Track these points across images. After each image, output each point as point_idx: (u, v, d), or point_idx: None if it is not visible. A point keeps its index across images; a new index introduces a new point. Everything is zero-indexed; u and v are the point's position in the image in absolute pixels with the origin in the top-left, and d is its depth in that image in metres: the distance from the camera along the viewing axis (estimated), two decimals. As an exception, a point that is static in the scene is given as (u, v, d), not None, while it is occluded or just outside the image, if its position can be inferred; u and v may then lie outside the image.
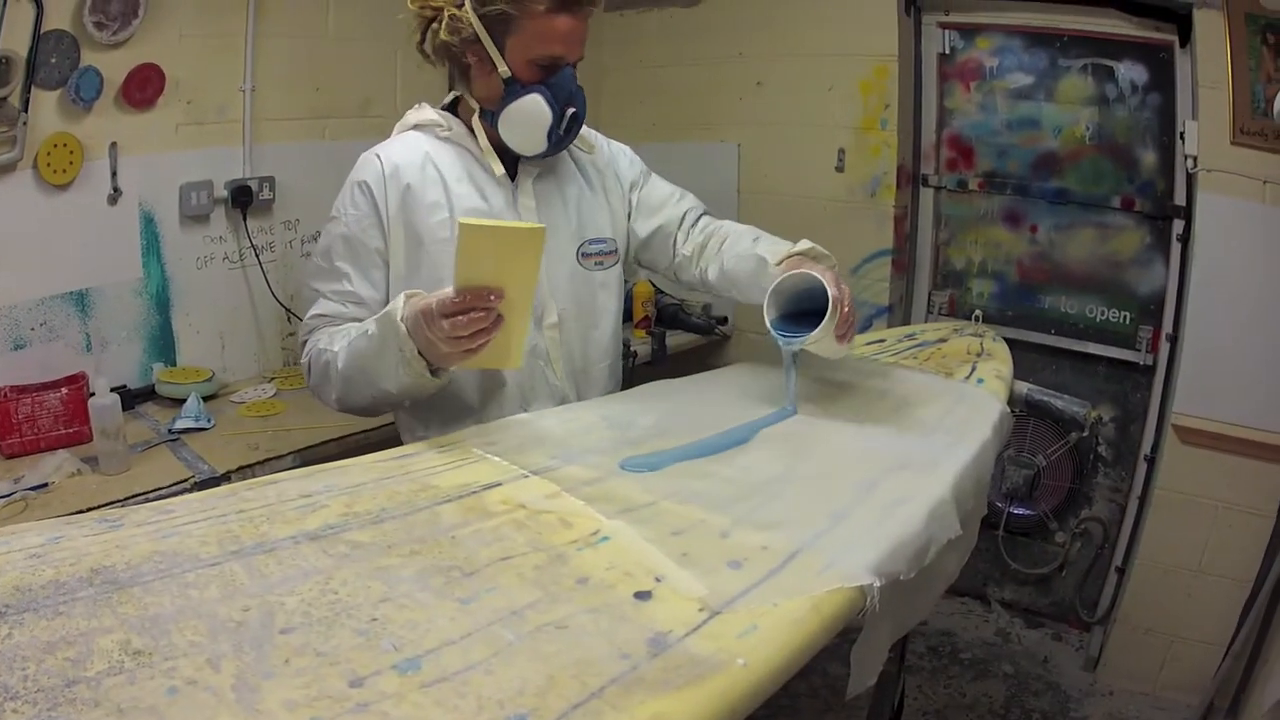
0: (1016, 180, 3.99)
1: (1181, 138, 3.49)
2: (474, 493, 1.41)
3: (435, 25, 2.02)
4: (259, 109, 3.33)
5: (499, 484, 1.45)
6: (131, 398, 3.03)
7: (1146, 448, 3.82)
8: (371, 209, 2.07)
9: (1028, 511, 4.10)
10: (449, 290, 1.62)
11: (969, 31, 3.95)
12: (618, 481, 1.50)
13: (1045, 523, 4.11)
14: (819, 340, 1.88)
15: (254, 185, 3.33)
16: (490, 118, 2.07)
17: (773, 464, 1.65)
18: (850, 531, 1.34)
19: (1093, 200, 3.83)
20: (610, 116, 4.55)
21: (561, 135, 2.06)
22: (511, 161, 2.14)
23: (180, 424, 2.86)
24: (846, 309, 1.92)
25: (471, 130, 2.15)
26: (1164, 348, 3.72)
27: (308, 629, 1.00)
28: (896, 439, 1.80)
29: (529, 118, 2.01)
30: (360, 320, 1.98)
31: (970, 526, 1.73)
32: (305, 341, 2.07)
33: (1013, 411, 2.21)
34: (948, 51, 4.00)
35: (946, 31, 3.98)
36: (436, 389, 1.85)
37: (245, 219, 3.34)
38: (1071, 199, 3.87)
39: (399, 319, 1.72)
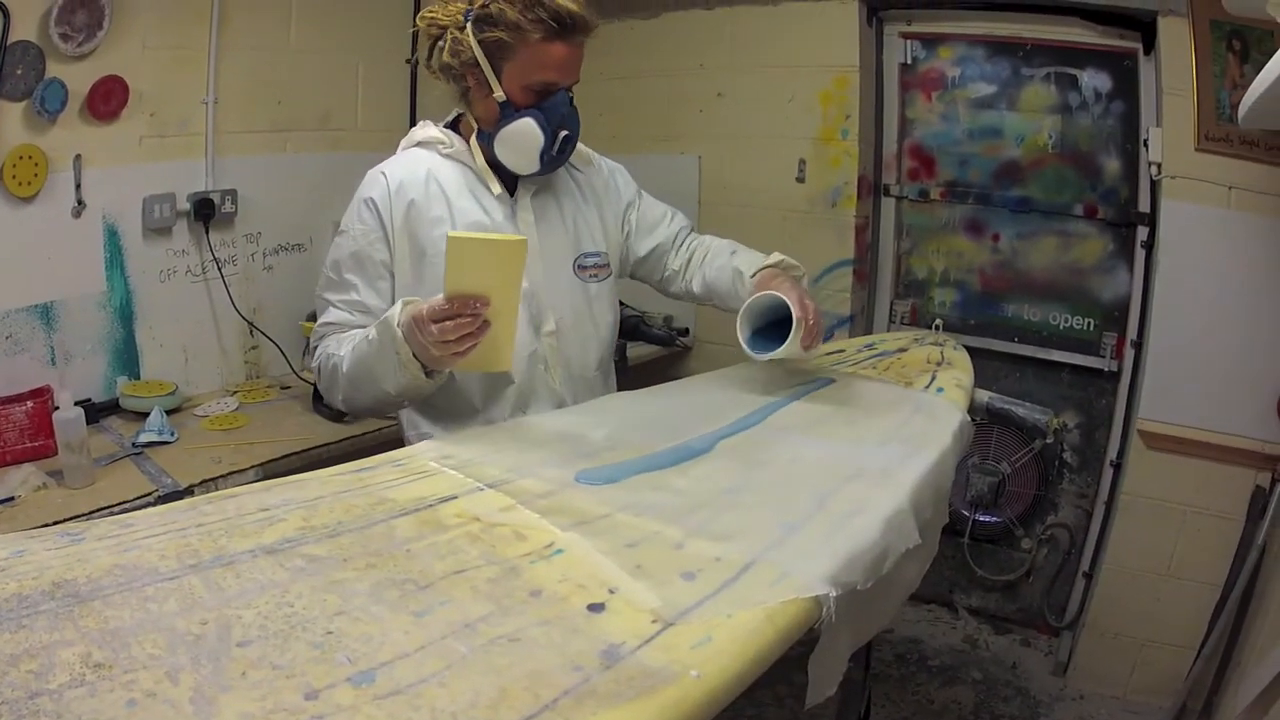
0: (978, 189, 4.02)
1: (1145, 145, 3.53)
2: (429, 506, 1.41)
3: (441, 44, 2.12)
4: (221, 122, 3.33)
5: (454, 497, 1.45)
6: (96, 411, 3.01)
7: (1112, 453, 3.86)
8: (378, 224, 2.15)
9: (993, 519, 4.12)
10: (439, 298, 1.71)
11: (931, 41, 3.98)
12: (572, 494, 1.50)
13: (1011, 529, 4.13)
14: (787, 351, 2.04)
15: (216, 198, 3.32)
16: (486, 138, 2.16)
17: (728, 476, 1.65)
18: (805, 542, 1.34)
19: (1055, 208, 3.87)
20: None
21: (554, 156, 2.15)
22: (511, 177, 2.23)
23: (144, 437, 2.85)
24: (811, 321, 2.08)
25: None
26: (1129, 354, 3.75)
27: (264, 642, 1.00)
28: (853, 449, 1.81)
29: (523, 140, 2.10)
30: (366, 328, 2.05)
31: (930, 535, 1.74)
32: (315, 347, 2.17)
33: (974, 420, 2.23)
34: (909, 61, 4.03)
35: (908, 41, 4.01)
36: (432, 389, 1.96)
37: (207, 232, 3.33)
38: (1034, 207, 3.91)
39: (395, 325, 1.81)
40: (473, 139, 2.22)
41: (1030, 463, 4.04)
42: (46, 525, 2.01)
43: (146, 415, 2.95)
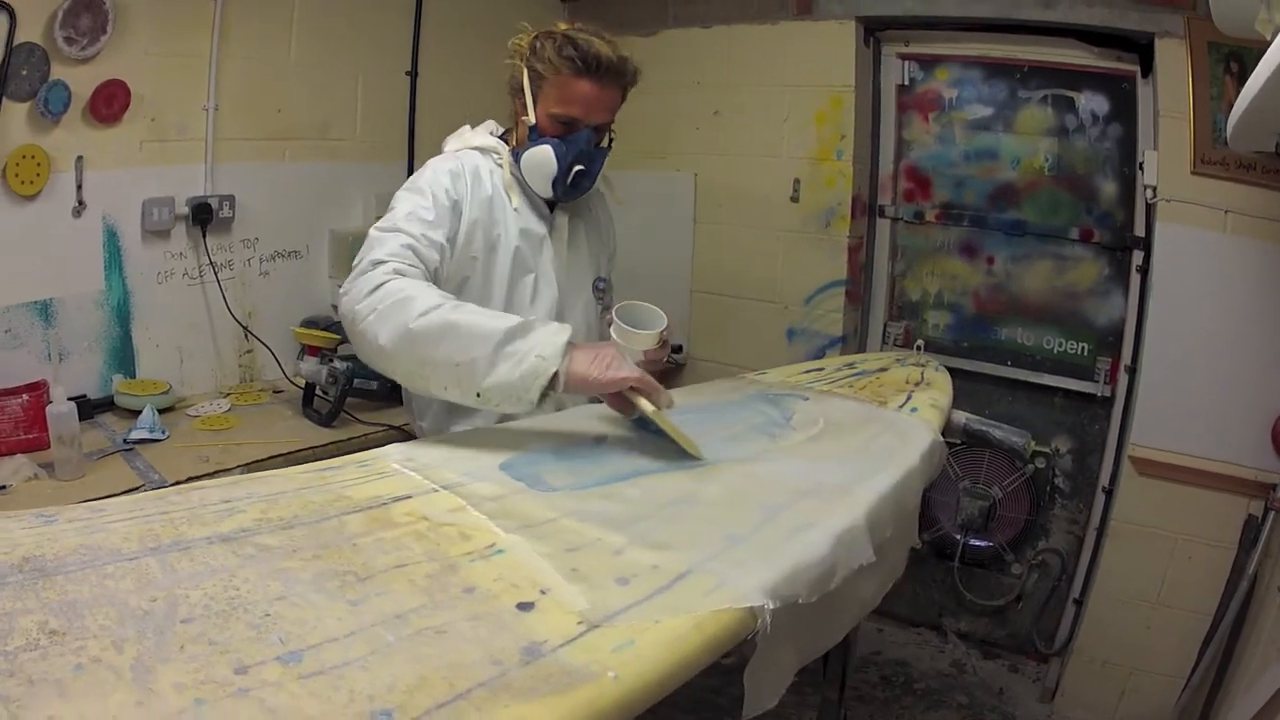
0: (974, 212, 4.03)
1: (1141, 168, 3.52)
2: (383, 504, 1.44)
3: (510, 65, 2.40)
4: (221, 128, 3.36)
5: (409, 497, 1.48)
6: (91, 407, 3.05)
7: (1104, 479, 3.85)
8: (457, 197, 2.30)
9: (984, 543, 4.12)
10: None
11: (928, 62, 4.01)
12: (522, 499, 1.53)
13: (1001, 554, 4.13)
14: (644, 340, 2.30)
15: (214, 203, 3.35)
16: (516, 156, 2.40)
17: (679, 487, 1.67)
18: (747, 553, 1.36)
19: (1051, 231, 3.88)
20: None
21: (567, 186, 2.38)
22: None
23: (135, 434, 2.88)
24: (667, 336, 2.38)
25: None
26: (1122, 379, 3.75)
27: (206, 620, 1.04)
28: (813, 465, 1.82)
29: (538, 165, 2.34)
30: (427, 266, 2.14)
31: (892, 554, 1.76)
32: (384, 261, 2.03)
33: (950, 442, 2.24)
34: (907, 82, 4.06)
35: (906, 62, 4.04)
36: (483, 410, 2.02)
37: (205, 236, 3.36)
38: (1029, 230, 3.92)
39: (564, 343, 1.79)
40: (507, 152, 2.45)
41: (1022, 487, 4.04)
42: (30, 510, 2.05)
43: (140, 413, 2.97)
